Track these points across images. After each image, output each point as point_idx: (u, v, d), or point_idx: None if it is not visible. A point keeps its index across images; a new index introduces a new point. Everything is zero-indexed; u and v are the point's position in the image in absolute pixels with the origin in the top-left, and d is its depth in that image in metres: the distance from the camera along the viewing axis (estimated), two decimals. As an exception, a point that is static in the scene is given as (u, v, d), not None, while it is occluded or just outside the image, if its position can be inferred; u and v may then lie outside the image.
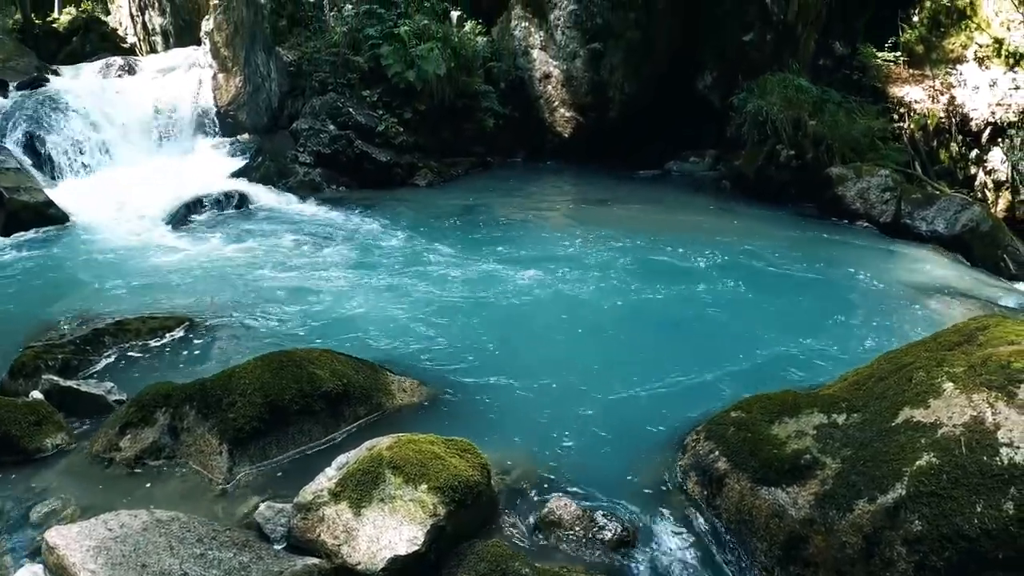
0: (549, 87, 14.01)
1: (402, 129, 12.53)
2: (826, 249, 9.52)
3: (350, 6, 13.63)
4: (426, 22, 13.19)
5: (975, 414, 3.48)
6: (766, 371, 5.62)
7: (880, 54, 13.39)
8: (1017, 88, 12.07)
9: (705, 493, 4.02)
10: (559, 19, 13.69)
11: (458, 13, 14.07)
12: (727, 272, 8.12)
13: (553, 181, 13.10)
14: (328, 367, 4.74)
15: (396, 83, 12.64)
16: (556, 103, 14.01)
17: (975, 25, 12.76)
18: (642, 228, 9.75)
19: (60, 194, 10.83)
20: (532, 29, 14.06)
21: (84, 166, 12.51)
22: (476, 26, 14.05)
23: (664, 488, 4.19)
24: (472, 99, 13.35)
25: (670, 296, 7.38)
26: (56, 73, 14.98)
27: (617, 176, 13.18)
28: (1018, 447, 3.26)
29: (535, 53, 14.03)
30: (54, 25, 20.62)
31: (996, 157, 12.22)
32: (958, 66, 12.74)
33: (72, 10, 21.85)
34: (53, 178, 11.97)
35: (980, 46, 12.61)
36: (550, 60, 13.91)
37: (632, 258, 8.47)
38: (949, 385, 3.70)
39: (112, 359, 5.73)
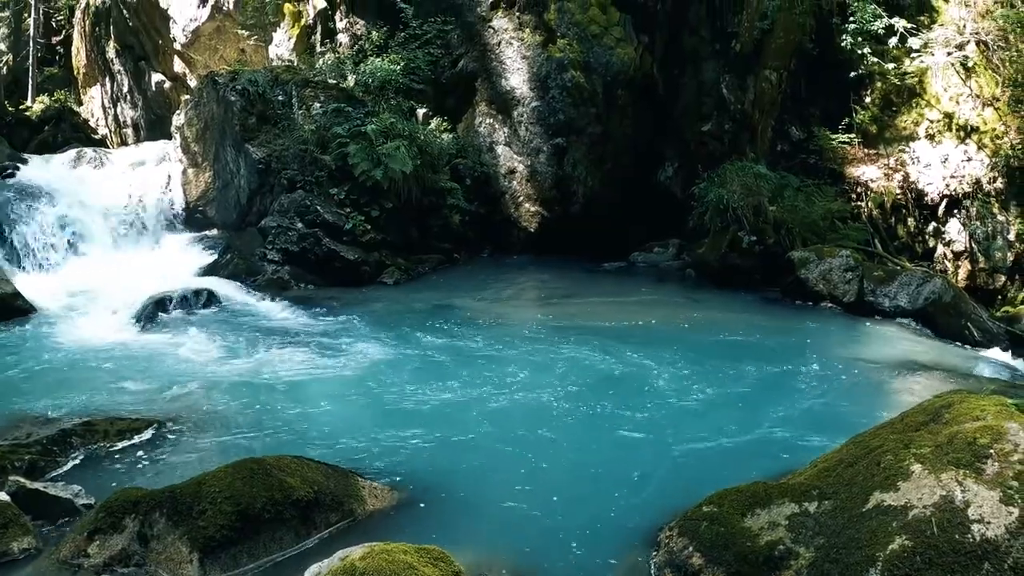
0: (514, 182, 14.23)
1: (369, 227, 12.62)
2: (792, 333, 9.62)
3: (318, 104, 13.86)
4: (392, 120, 13.40)
5: (944, 493, 3.53)
6: (737, 460, 5.63)
7: (835, 136, 13.71)
8: (969, 160, 12.42)
9: (681, 588, 3.99)
10: (522, 115, 14.00)
11: (424, 110, 14.34)
12: (695, 362, 8.16)
13: (520, 277, 13.17)
14: (299, 474, 4.70)
15: (363, 181, 12.77)
16: (521, 198, 14.21)
17: (925, 102, 13.17)
18: (609, 322, 9.79)
19: (28, 285, 10.79)
20: (496, 125, 14.35)
21: (52, 257, 12.48)
22: (442, 123, 14.31)
23: (640, 585, 4.15)
24: (438, 196, 13.54)
25: (638, 390, 7.38)
26: (27, 162, 14.94)
27: (583, 269, 13.30)
28: (989, 523, 3.30)
29: (500, 149, 14.30)
30: (27, 114, 20.87)
31: (953, 228, 12.50)
32: (911, 143, 13.10)
33: (45, 99, 22.16)
34: (21, 268, 11.93)
35: (931, 122, 13.00)
36: (515, 156, 14.17)
37: (600, 353, 8.47)
38: (917, 467, 3.74)
39: (80, 461, 5.66)
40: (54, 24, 25.03)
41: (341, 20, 16.30)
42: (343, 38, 16.12)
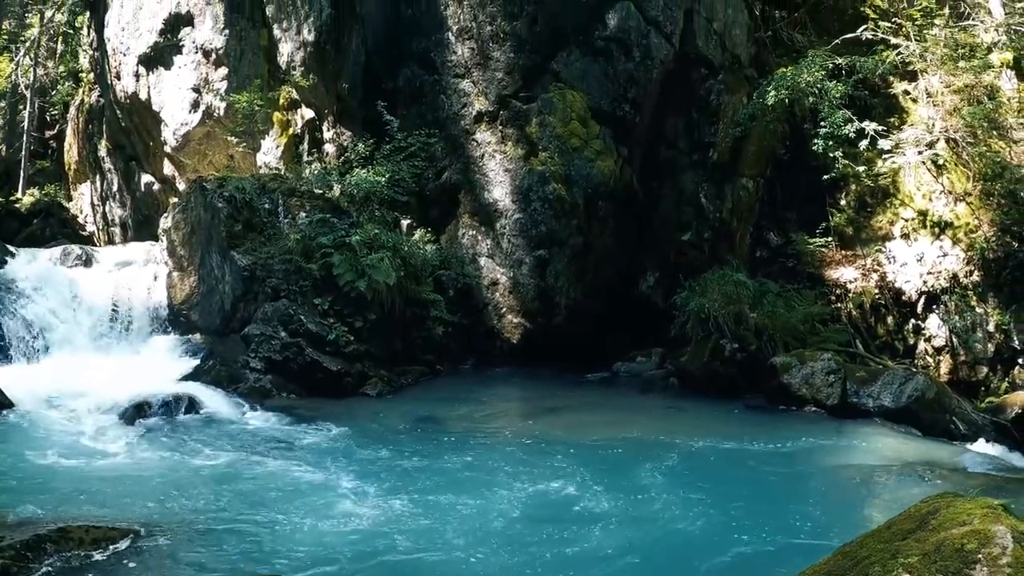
0: (497, 294, 14.27)
1: (352, 338, 12.57)
2: (777, 439, 9.56)
3: (304, 214, 13.99)
4: (376, 231, 13.51)
5: (934, 604, 3.47)
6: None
7: (812, 240, 13.94)
8: (945, 255, 12.65)
9: None
10: (505, 227, 14.14)
11: (408, 221, 14.51)
12: (679, 475, 8.10)
13: (503, 389, 13.06)
14: (275, 594, 4.59)
15: (347, 292, 12.79)
16: (504, 309, 14.22)
17: (899, 201, 13.46)
18: (593, 435, 9.69)
19: (7, 379, 10.66)
20: (479, 237, 14.49)
21: (34, 353, 12.41)
22: (425, 234, 14.46)
23: None
24: (422, 307, 13.57)
25: (621, 507, 7.26)
26: (14, 255, 14.90)
27: (567, 380, 13.22)
28: (980, 632, 3.25)
29: (483, 260, 14.39)
30: (16, 206, 21.03)
31: (933, 324, 12.65)
32: (887, 243, 13.33)
33: (36, 192, 22.44)
34: (2, 361, 11.85)
35: (906, 220, 13.26)
36: (497, 267, 14.25)
37: (584, 470, 8.33)
38: (905, 577, 3.69)
39: (52, 569, 5.52)
40: (48, 119, 25.52)
41: (328, 131, 16.64)
42: (330, 148, 16.42)
